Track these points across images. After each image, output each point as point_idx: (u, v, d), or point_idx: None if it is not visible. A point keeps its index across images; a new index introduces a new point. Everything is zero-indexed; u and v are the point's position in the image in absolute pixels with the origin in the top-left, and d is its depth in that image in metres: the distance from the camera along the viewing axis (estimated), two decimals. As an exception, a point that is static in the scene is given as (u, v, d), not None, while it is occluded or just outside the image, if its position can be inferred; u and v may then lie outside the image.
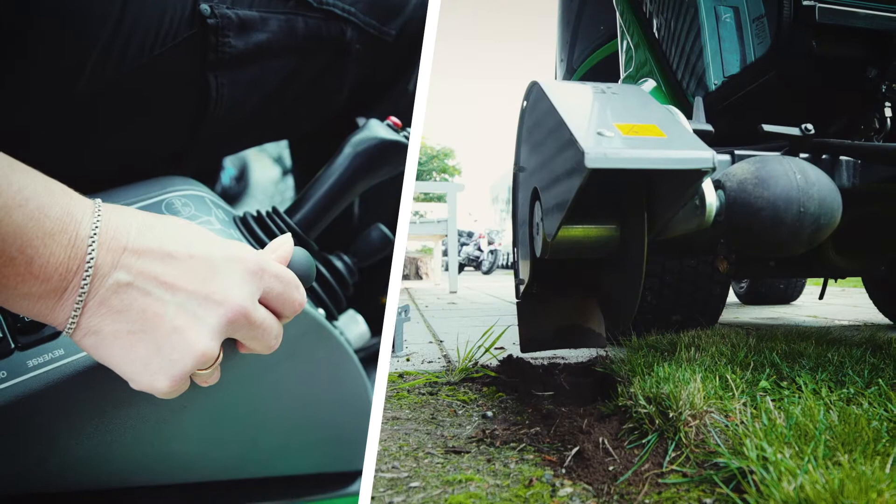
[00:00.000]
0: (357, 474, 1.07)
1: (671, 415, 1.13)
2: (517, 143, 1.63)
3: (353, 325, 1.26)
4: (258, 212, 1.02)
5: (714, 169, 1.02)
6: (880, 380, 1.36)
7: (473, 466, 1.11)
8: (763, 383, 1.39)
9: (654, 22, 2.20)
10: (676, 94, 2.01)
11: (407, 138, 1.11)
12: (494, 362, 2.05)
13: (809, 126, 1.40)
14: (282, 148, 1.70)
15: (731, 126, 1.67)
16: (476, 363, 2.05)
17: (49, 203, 0.59)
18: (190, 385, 0.70)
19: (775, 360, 1.59)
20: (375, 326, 1.29)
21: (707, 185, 1.16)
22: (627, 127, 1.10)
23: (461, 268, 19.17)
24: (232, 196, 1.65)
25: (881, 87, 1.60)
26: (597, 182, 1.04)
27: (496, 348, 2.35)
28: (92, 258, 0.60)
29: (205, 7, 1.01)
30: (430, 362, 2.26)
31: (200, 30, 1.01)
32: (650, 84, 1.96)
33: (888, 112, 1.57)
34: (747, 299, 5.49)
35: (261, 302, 0.72)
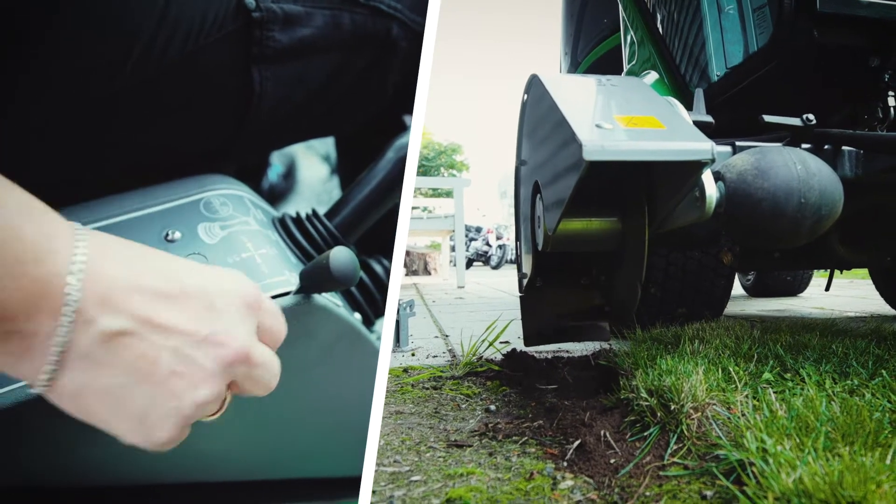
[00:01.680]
0: None
1: (672, 407, 1.12)
2: (518, 137, 1.63)
3: None
4: (297, 214, 1.02)
5: (713, 160, 1.02)
6: (884, 371, 1.35)
7: (475, 460, 1.11)
8: (766, 375, 1.38)
9: (656, 14, 2.19)
10: (679, 86, 2.00)
11: None
12: (499, 356, 2.05)
13: (811, 116, 1.39)
14: (329, 146, 1.70)
15: (733, 117, 1.66)
16: (481, 357, 2.05)
17: (22, 223, 0.49)
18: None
19: (779, 352, 1.58)
20: None
21: (707, 177, 1.16)
22: (626, 119, 1.09)
23: (470, 263, 19.18)
24: (279, 193, 1.65)
25: (884, 76, 1.59)
26: (597, 174, 1.04)
27: (501, 342, 2.35)
28: (71, 297, 0.50)
29: (250, 1, 1.00)
30: (435, 357, 2.27)
31: (245, 23, 1.01)
32: (652, 76, 1.95)
33: (891, 101, 1.57)
34: (754, 291, 5.47)
35: None
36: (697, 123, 1.24)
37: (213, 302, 0.59)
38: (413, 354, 2.34)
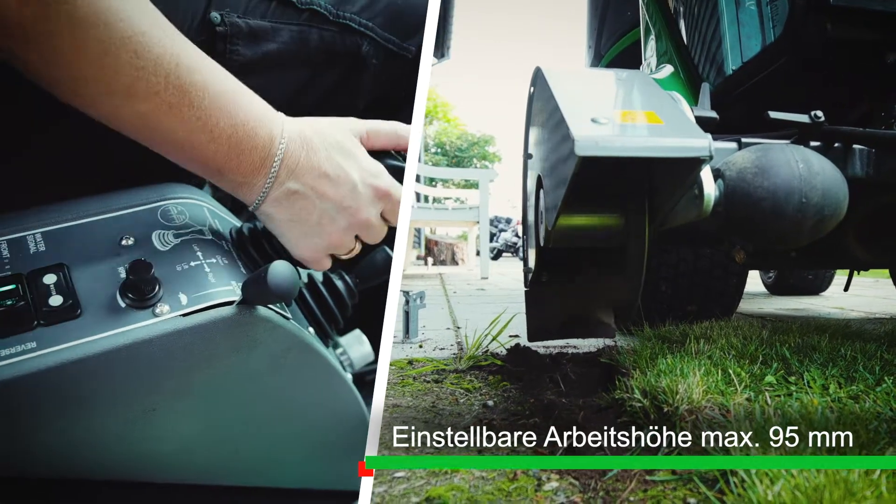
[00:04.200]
0: (345, 494, 1.06)
1: (666, 409, 1.10)
2: (525, 130, 1.61)
3: (356, 346, 1.26)
4: (255, 225, 1.02)
5: (711, 157, 0.99)
6: (888, 378, 1.32)
7: (462, 458, 1.09)
8: (769, 378, 1.35)
9: (675, 8, 2.16)
10: (695, 80, 1.96)
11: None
12: (504, 351, 2.03)
13: (819, 113, 1.35)
14: None
15: (747, 113, 1.62)
16: (486, 351, 2.03)
17: (261, 119, 0.84)
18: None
19: (785, 354, 1.55)
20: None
21: (706, 174, 1.13)
22: (624, 114, 1.07)
23: (499, 254, 19.15)
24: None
25: (900, 72, 1.54)
26: (594, 170, 1.02)
27: (511, 335, 2.33)
28: (275, 170, 0.84)
29: (215, 15, 1.04)
30: (442, 349, 2.25)
31: (209, 37, 1.04)
32: (667, 70, 1.92)
33: (907, 99, 1.52)
34: (775, 290, 5.39)
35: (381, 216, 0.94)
36: (700, 119, 1.22)
37: (356, 186, 0.89)
38: (420, 346, 2.32)
